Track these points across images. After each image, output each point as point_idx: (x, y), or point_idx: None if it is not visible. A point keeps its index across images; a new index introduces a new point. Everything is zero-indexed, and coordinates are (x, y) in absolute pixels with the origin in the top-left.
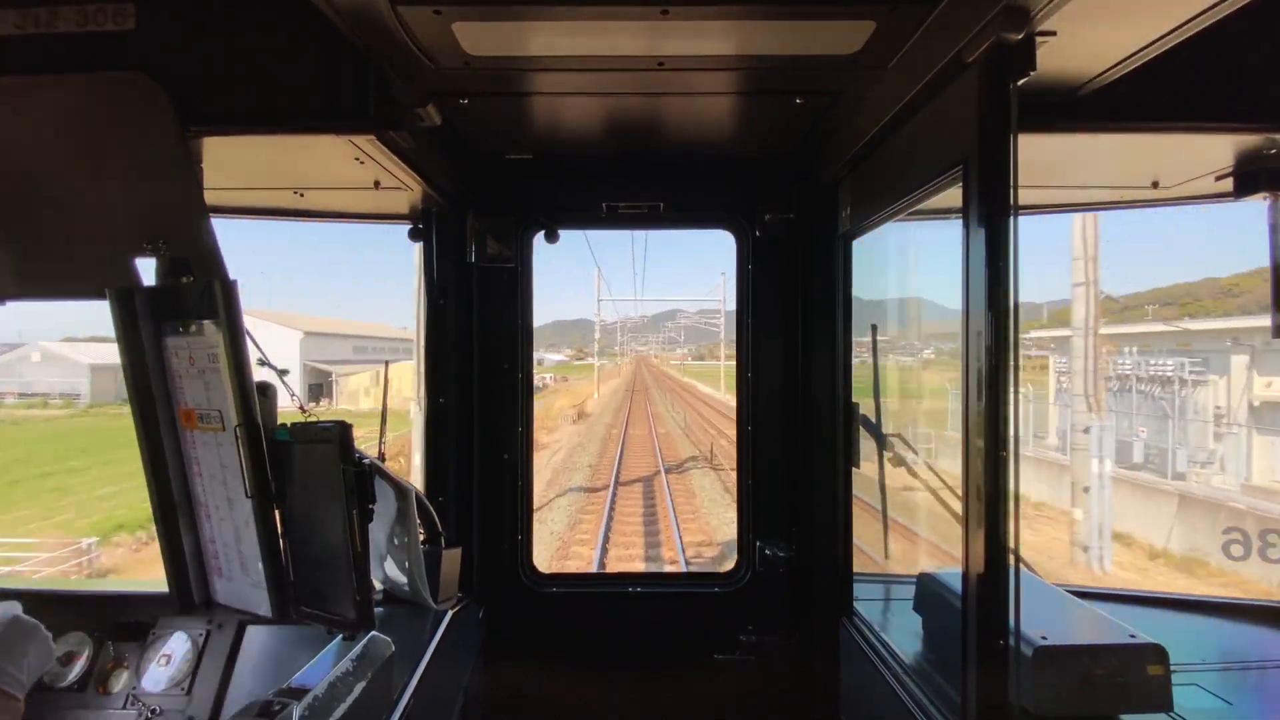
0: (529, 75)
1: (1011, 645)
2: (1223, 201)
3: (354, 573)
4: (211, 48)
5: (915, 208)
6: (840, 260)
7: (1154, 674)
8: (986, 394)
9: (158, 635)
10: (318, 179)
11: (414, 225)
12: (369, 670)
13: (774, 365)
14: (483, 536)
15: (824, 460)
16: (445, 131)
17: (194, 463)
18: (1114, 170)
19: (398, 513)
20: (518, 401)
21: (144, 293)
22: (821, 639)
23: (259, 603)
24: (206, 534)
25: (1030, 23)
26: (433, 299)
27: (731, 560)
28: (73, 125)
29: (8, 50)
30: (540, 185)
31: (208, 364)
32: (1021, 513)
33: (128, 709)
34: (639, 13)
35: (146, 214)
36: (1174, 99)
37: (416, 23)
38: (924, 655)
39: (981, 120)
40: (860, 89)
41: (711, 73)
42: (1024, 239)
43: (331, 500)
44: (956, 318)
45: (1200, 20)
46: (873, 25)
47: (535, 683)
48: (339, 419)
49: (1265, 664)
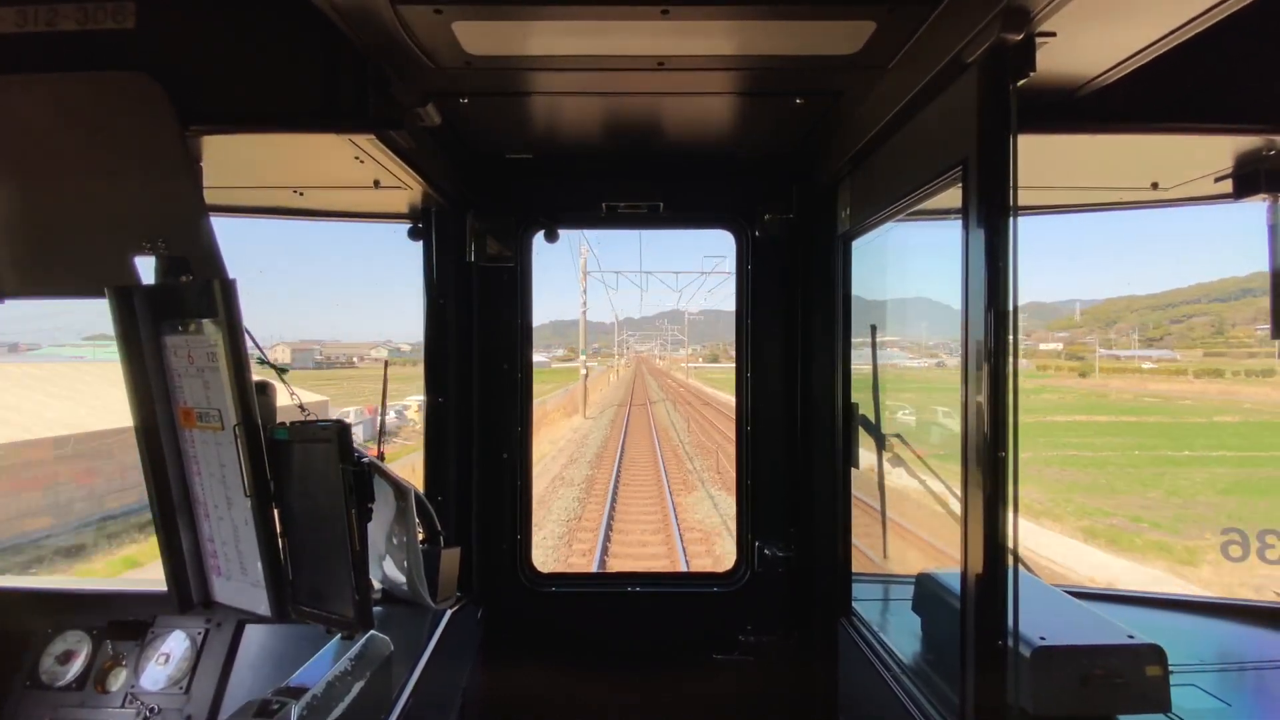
0: (529, 75)
1: (1010, 646)
2: (1222, 202)
3: (353, 572)
4: (212, 47)
5: (915, 208)
6: (840, 260)
7: (1152, 675)
8: (986, 394)
9: (156, 634)
10: (318, 178)
11: (414, 225)
12: (367, 670)
13: (774, 365)
14: (482, 536)
15: (823, 460)
16: (445, 131)
17: (193, 462)
18: (1114, 171)
19: (397, 512)
20: (517, 401)
21: (143, 291)
22: (820, 639)
23: (258, 602)
24: (205, 533)
25: (1030, 23)
26: (432, 299)
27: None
28: (73, 124)
29: (8, 49)
30: (540, 185)
31: (207, 363)
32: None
33: (126, 708)
34: (639, 13)
35: (146, 213)
36: (1174, 100)
37: (417, 22)
38: (923, 655)
39: (981, 121)
40: (860, 89)
41: (712, 73)
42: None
43: (330, 499)
44: (956, 318)
45: (1200, 21)
46: (873, 26)
47: (534, 682)
48: (336, 419)
49: (1263, 665)
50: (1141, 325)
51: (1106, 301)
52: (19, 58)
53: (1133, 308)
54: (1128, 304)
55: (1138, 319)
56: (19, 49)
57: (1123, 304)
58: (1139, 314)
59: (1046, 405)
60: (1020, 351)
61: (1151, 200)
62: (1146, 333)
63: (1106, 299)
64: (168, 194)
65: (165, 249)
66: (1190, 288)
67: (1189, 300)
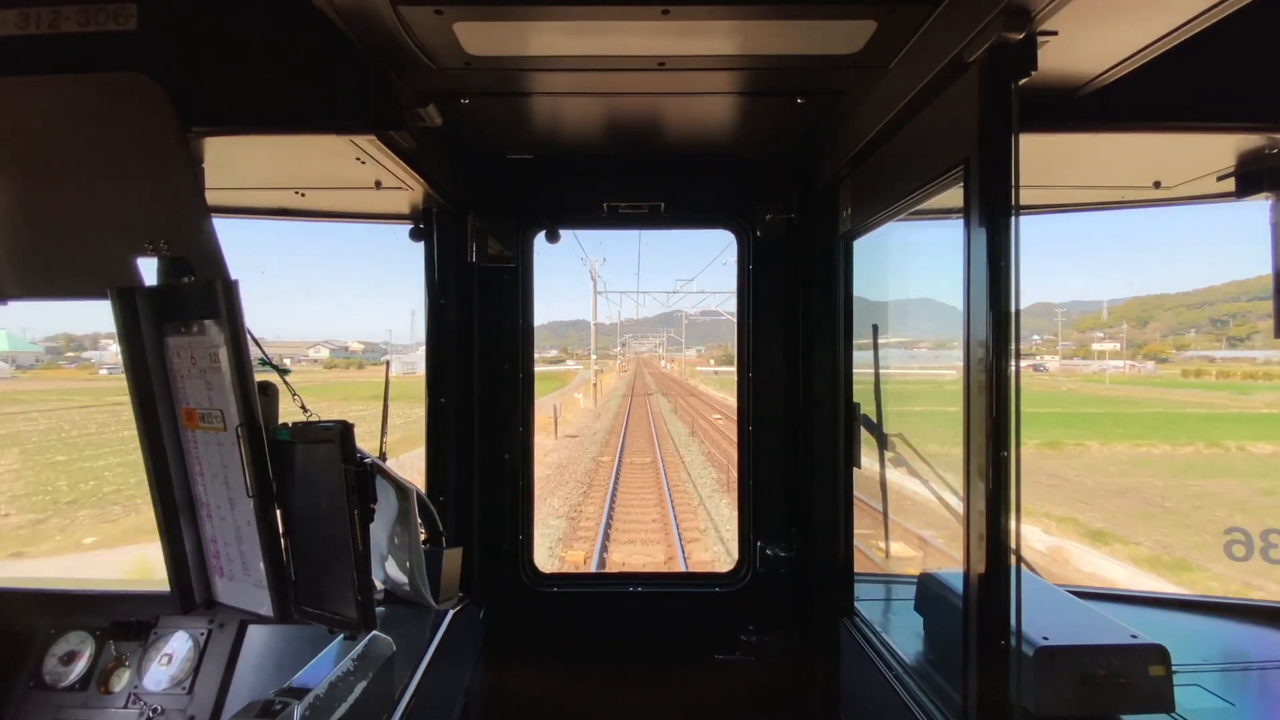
0: (530, 75)
1: (1013, 645)
2: (1225, 201)
3: (355, 572)
4: (213, 48)
5: (916, 208)
6: (841, 260)
7: (1155, 674)
8: (987, 394)
9: (159, 634)
10: (319, 179)
11: (415, 225)
12: (370, 670)
13: (775, 365)
14: (483, 536)
15: (825, 460)
16: (446, 131)
17: (195, 462)
18: (1116, 170)
19: (399, 512)
20: (518, 401)
21: (145, 292)
22: (822, 639)
23: (260, 602)
24: (208, 533)
25: (1031, 22)
26: (434, 299)
27: None
28: (75, 126)
29: (9, 50)
30: (541, 185)
31: (209, 364)
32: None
33: (129, 708)
34: (639, 13)
35: (148, 214)
36: (1175, 99)
37: (417, 22)
38: (925, 655)
39: (982, 120)
40: (861, 89)
41: (712, 73)
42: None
43: (333, 500)
44: (958, 317)
45: (1201, 20)
46: (874, 25)
47: (536, 682)
48: (340, 419)
49: (1267, 664)
50: (1179, 325)
51: (1134, 300)
52: (21, 59)
53: (1165, 306)
54: (1159, 302)
55: (1173, 318)
56: (21, 51)
57: (1153, 302)
58: (1174, 313)
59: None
60: (1097, 353)
61: (1153, 199)
62: (1227, 330)
63: (1133, 297)
64: (169, 195)
65: (167, 250)
66: (1226, 285)
67: (1227, 298)
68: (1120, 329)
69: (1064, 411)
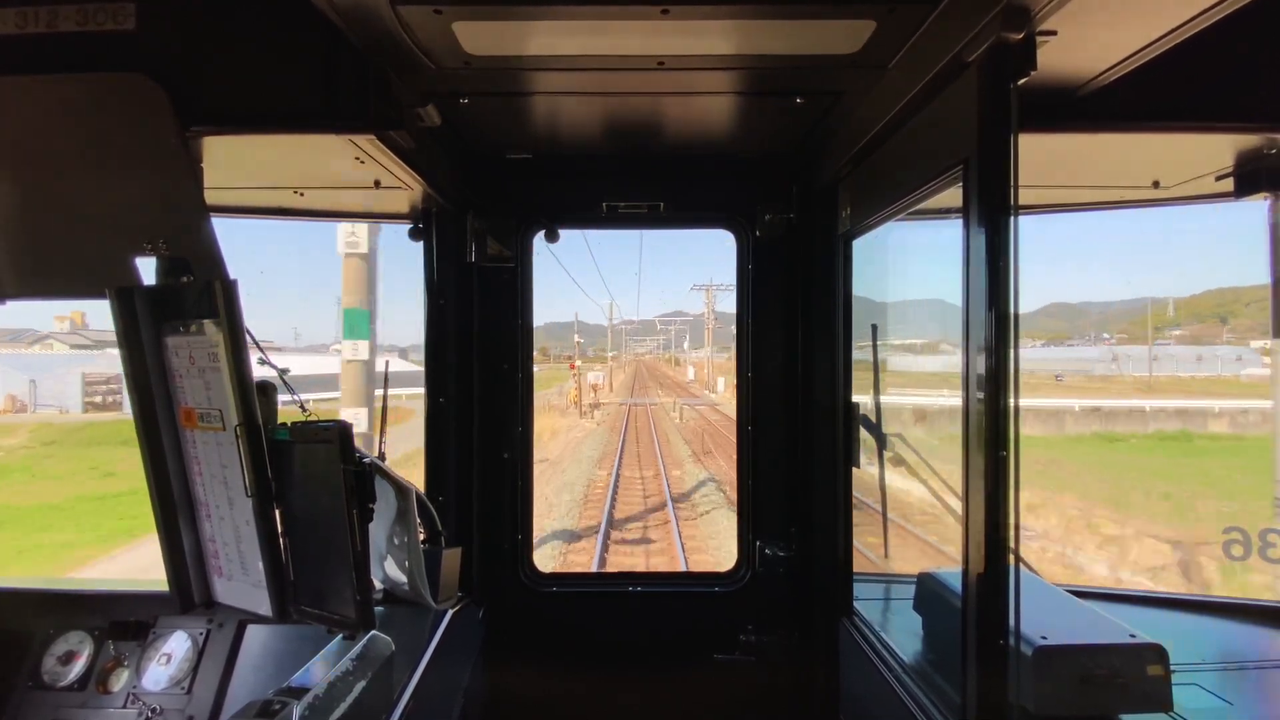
0: (529, 75)
1: (1011, 645)
2: (1223, 201)
3: (354, 572)
4: (212, 48)
5: (915, 208)
6: (840, 260)
7: (1154, 674)
8: (987, 394)
9: (158, 634)
10: (318, 178)
11: (414, 225)
12: (369, 670)
13: (774, 365)
14: (483, 536)
15: (824, 460)
16: (445, 131)
17: (194, 462)
18: (1115, 170)
19: (398, 512)
20: (518, 401)
21: (144, 292)
22: (821, 639)
23: (259, 602)
24: (207, 533)
25: (1031, 22)
26: (433, 299)
27: None
28: (74, 125)
29: (9, 50)
30: (540, 185)
31: (208, 363)
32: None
33: (128, 708)
34: (639, 12)
35: (147, 214)
36: (1174, 99)
37: (417, 22)
38: (924, 655)
39: (982, 120)
40: (861, 89)
41: (711, 73)
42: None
43: (332, 500)
44: (957, 317)
45: (1200, 20)
46: (873, 25)
47: (535, 682)
48: (339, 419)
49: (1265, 664)
50: (1265, 321)
51: (1204, 294)
52: (20, 59)
53: (1241, 300)
54: (1235, 296)
55: (1258, 312)
56: (20, 50)
57: (1229, 295)
58: (1258, 305)
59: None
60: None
61: (1152, 199)
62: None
63: (1203, 291)
64: (168, 195)
65: (166, 250)
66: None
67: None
68: (1193, 327)
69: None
